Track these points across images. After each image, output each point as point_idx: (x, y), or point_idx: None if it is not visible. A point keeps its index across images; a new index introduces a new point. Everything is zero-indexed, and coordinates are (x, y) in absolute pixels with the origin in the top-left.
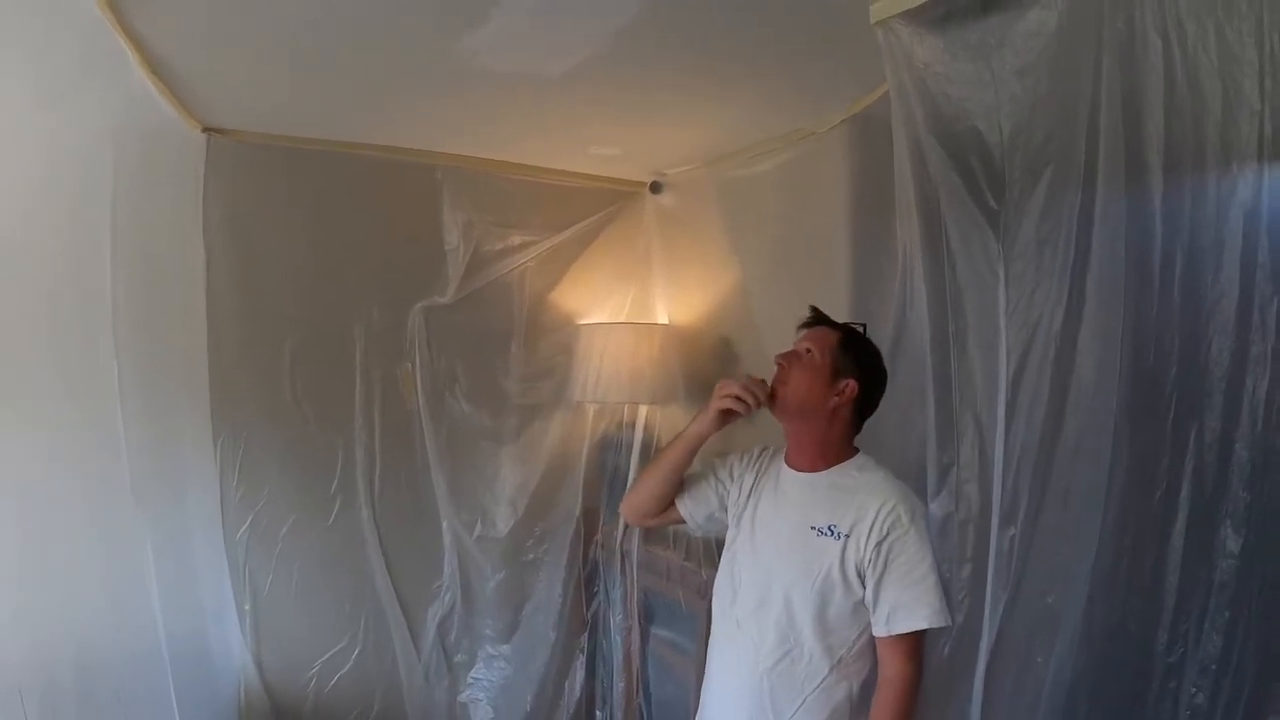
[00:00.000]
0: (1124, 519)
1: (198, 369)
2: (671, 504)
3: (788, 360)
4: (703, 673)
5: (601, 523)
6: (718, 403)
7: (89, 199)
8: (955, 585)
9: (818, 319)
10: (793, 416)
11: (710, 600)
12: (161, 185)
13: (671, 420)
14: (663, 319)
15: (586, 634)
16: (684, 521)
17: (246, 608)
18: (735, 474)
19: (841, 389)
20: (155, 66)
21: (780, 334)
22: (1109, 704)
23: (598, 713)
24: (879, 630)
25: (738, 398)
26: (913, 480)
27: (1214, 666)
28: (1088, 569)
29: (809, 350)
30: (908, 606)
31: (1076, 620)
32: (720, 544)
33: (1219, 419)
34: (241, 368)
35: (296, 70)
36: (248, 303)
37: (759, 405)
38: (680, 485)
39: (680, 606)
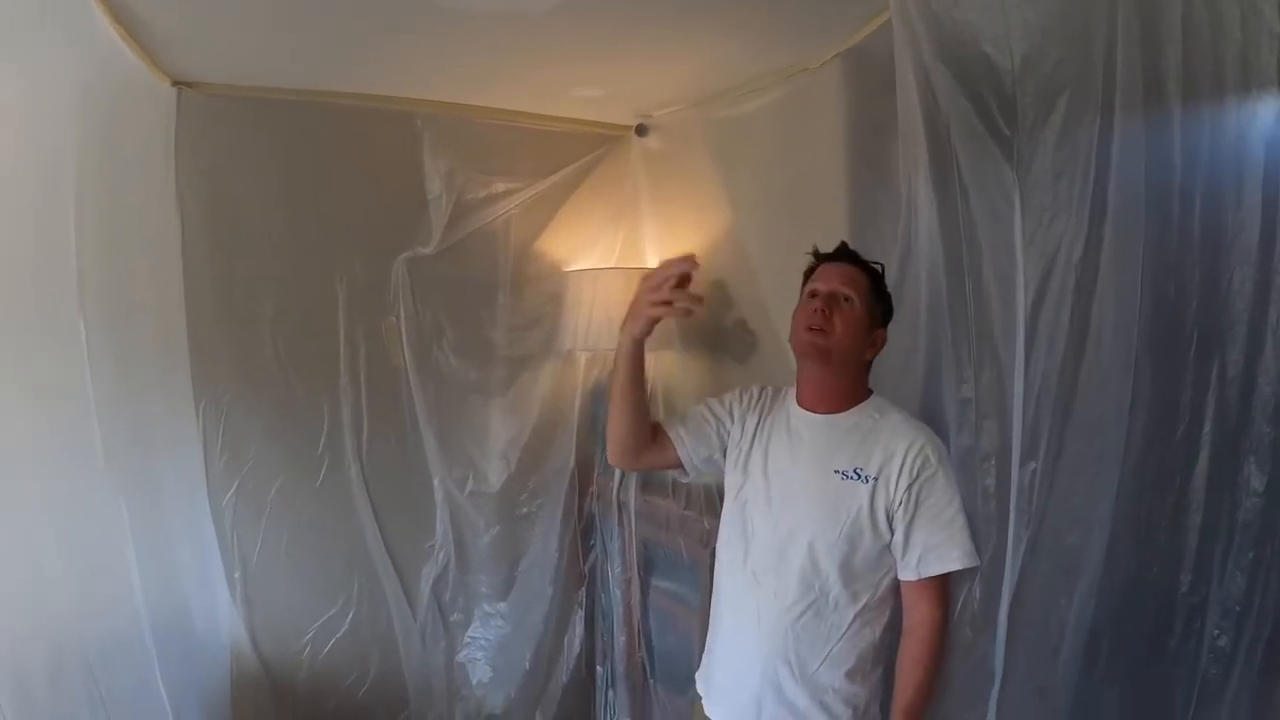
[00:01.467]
0: (1145, 456)
1: (174, 333)
2: (656, 438)
3: (828, 306)
4: (705, 623)
5: (596, 474)
6: (651, 310)
7: (52, 155)
8: (978, 522)
9: (847, 255)
10: (829, 364)
11: (713, 549)
12: (130, 141)
13: (666, 366)
14: (653, 263)
15: (584, 588)
16: (679, 464)
17: (236, 575)
18: (736, 415)
19: (875, 339)
20: (121, 17)
21: (775, 275)
22: (1131, 646)
23: (598, 667)
24: (907, 575)
25: (670, 304)
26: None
27: (1237, 608)
28: (1109, 508)
29: (848, 298)
30: (939, 549)
31: (1098, 560)
32: (720, 490)
33: (1241, 353)
34: (220, 329)
35: (268, 18)
36: (225, 261)
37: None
38: (680, 421)
39: (681, 556)
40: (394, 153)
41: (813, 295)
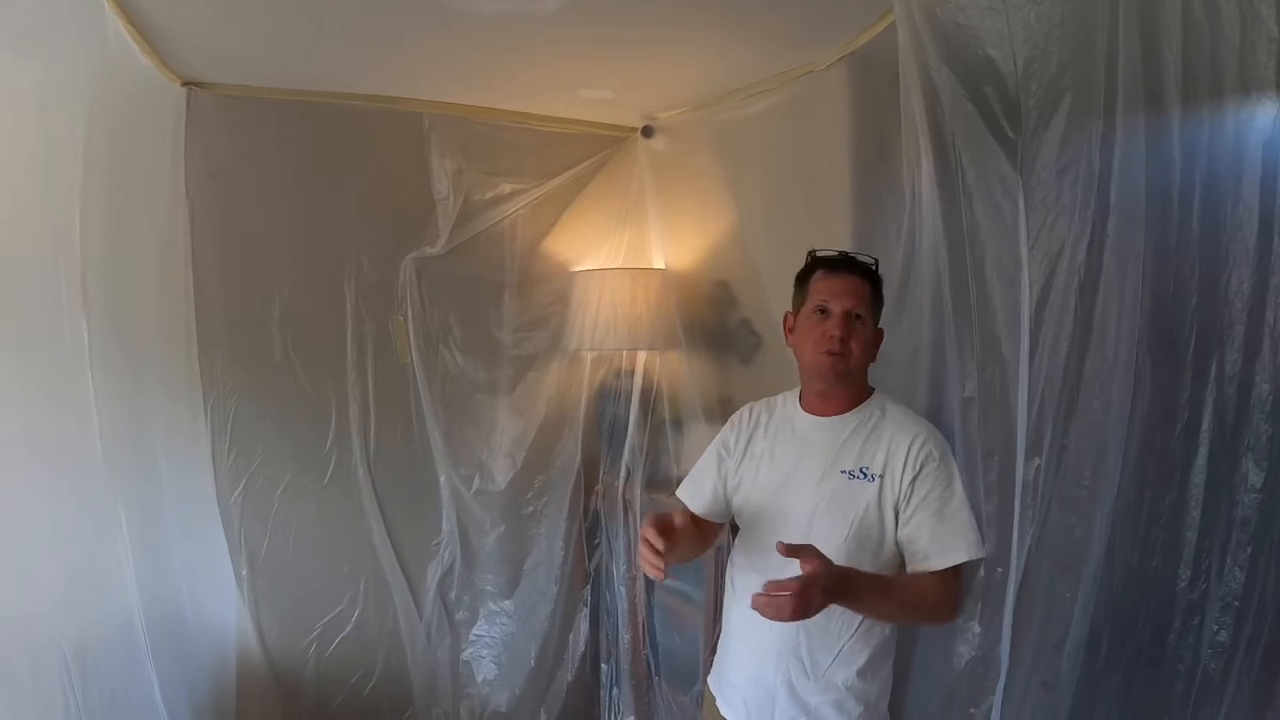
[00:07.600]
0: (1146, 453)
1: (180, 331)
2: (700, 526)
3: (845, 330)
4: (710, 621)
5: (601, 473)
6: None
7: (60, 153)
8: (982, 518)
9: (854, 265)
10: (845, 381)
11: (719, 547)
12: (139, 141)
13: (671, 366)
14: (659, 264)
15: (589, 586)
16: (724, 523)
17: (243, 573)
18: (733, 448)
19: (878, 340)
20: (132, 18)
21: (780, 276)
22: (1132, 641)
23: (603, 665)
24: (916, 569)
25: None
26: (925, 418)
27: (1236, 603)
28: (1111, 504)
29: (860, 316)
30: (944, 541)
31: (1100, 556)
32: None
33: (1239, 351)
34: (229, 327)
35: (277, 18)
36: (234, 261)
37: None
38: (697, 492)
39: None
40: (402, 153)
41: (822, 311)
